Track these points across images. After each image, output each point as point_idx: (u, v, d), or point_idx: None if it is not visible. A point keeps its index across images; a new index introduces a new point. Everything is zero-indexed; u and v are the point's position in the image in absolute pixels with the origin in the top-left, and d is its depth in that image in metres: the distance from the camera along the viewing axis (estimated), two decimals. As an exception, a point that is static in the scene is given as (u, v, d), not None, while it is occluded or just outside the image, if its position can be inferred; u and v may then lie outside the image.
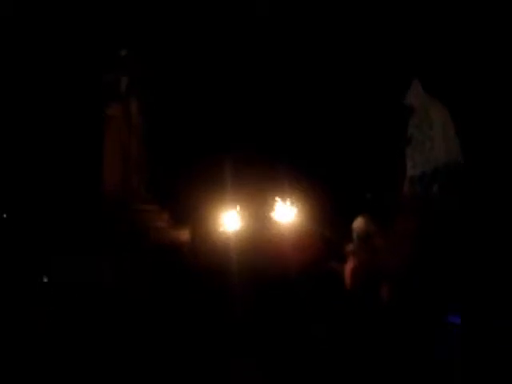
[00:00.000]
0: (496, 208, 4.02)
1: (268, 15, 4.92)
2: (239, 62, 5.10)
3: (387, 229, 4.22)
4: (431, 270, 3.77)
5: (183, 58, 5.20)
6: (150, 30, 5.13)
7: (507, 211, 3.95)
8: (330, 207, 4.60)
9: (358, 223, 4.28)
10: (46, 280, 4.28)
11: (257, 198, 4.73)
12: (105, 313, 3.73)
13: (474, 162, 4.12)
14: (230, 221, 4.60)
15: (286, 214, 4.58)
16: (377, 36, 4.58)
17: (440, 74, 4.20)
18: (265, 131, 5.05)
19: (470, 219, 4.00)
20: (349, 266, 4.04)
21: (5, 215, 4.75)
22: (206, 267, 4.12)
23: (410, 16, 4.44)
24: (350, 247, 4.10)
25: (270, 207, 4.60)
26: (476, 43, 4.19)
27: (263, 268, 4.00)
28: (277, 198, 4.60)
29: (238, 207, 4.66)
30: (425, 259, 3.90)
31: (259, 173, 4.88)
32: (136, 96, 5.02)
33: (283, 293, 3.75)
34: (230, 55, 5.10)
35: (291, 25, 4.86)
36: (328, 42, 4.74)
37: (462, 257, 3.79)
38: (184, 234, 4.88)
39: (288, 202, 4.62)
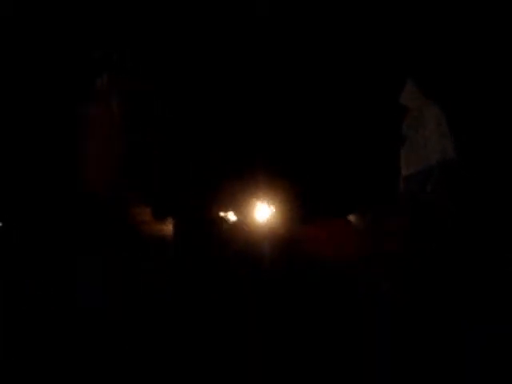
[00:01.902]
0: (491, 206, 4.08)
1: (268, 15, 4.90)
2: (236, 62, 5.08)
3: (382, 227, 4.27)
4: (425, 268, 3.82)
5: (174, 54, 5.15)
6: (135, 28, 5.06)
7: (502, 209, 4.02)
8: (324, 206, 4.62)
9: (353, 219, 4.34)
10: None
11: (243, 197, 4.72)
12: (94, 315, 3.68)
13: (469, 160, 4.17)
14: (227, 215, 4.57)
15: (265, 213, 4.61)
16: (372, 36, 4.61)
17: (434, 74, 4.24)
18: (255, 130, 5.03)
19: (464, 217, 4.07)
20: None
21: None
22: (206, 261, 4.12)
23: (405, 16, 4.48)
24: None
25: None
26: (471, 43, 4.24)
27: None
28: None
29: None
30: (418, 257, 3.96)
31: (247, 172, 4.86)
32: (117, 93, 4.95)
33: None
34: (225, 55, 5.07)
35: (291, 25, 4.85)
36: (324, 42, 4.75)
37: (456, 255, 3.85)
38: (167, 228, 4.84)
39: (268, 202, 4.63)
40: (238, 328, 3.42)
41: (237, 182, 4.66)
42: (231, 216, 4.53)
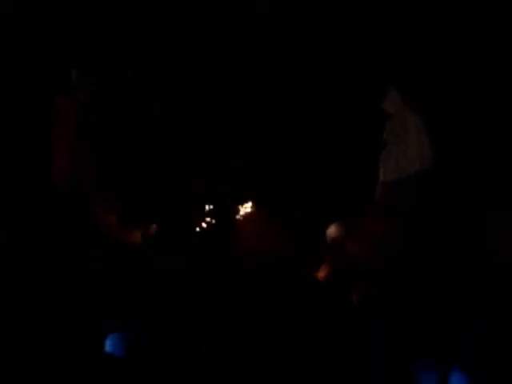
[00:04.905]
0: (466, 215, 4.11)
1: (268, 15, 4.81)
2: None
3: (359, 235, 4.25)
4: (401, 274, 3.83)
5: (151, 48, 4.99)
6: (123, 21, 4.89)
7: (478, 219, 4.06)
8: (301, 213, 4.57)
9: (332, 230, 4.30)
10: None
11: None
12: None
13: (448, 170, 4.18)
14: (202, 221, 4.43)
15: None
16: (358, 39, 4.56)
17: (418, 82, 4.23)
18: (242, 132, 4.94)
19: (440, 225, 4.08)
20: (321, 273, 4.05)
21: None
22: (177, 269, 4.00)
23: (390, 22, 4.45)
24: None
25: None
26: (455, 51, 4.24)
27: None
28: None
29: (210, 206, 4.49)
30: (393, 264, 3.96)
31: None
32: (87, 87, 4.77)
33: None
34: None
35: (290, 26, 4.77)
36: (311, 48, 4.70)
37: (430, 261, 3.87)
38: (135, 235, 4.68)
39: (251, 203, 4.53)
40: (235, 327, 3.38)
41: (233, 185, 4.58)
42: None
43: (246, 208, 4.52)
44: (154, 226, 5.15)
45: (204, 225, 4.49)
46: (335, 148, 4.68)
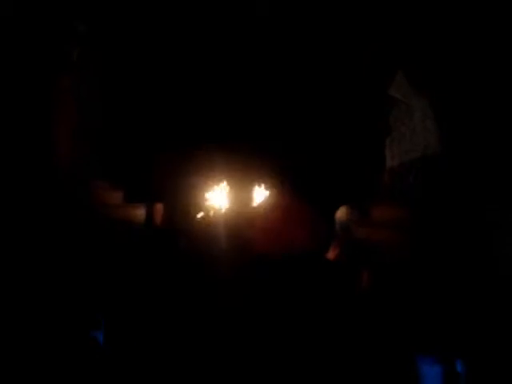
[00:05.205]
0: (469, 203, 4.18)
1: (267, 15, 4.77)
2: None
3: (367, 219, 4.27)
4: (405, 263, 3.86)
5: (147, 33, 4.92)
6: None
7: (480, 206, 4.13)
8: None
9: (341, 213, 4.31)
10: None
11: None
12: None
13: (452, 156, 4.26)
14: (214, 200, 4.34)
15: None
16: (364, 26, 4.60)
17: (425, 67, 4.30)
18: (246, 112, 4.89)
19: (442, 212, 4.14)
20: (330, 255, 4.05)
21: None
22: (187, 252, 3.94)
23: (399, 8, 4.51)
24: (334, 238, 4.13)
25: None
26: (466, 39, 4.32)
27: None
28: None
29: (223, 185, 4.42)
30: (400, 248, 4.00)
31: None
32: (90, 66, 4.68)
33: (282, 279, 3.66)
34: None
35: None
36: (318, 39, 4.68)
37: (435, 253, 3.91)
38: (139, 213, 4.54)
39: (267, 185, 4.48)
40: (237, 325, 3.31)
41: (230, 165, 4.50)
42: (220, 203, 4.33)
43: (256, 202, 4.49)
44: (160, 205, 5.01)
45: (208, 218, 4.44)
46: (341, 134, 4.71)
